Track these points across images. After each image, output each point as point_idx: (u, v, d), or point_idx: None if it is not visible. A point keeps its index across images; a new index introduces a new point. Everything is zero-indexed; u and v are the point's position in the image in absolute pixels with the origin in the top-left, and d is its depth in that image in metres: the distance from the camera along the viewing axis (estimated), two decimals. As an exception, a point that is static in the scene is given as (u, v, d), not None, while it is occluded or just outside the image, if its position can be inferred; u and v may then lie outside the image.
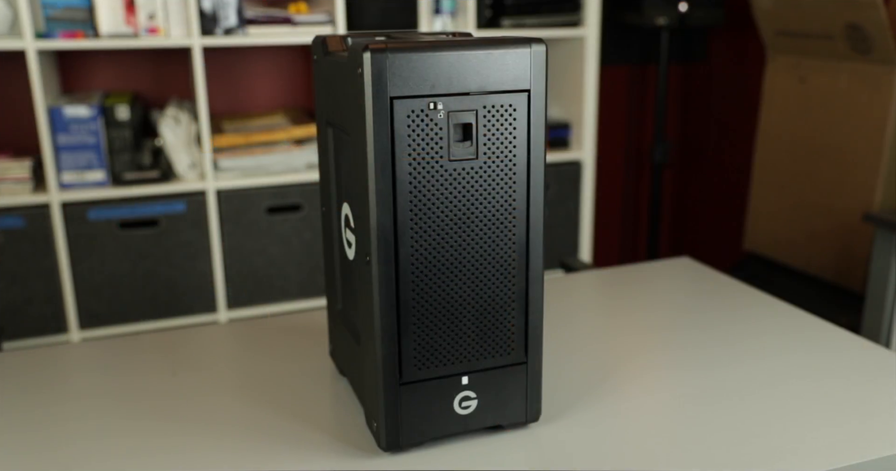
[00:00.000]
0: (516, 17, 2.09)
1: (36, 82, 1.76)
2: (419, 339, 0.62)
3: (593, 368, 0.80)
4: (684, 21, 2.41)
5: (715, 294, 1.00)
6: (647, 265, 1.15)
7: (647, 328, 0.89)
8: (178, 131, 1.94)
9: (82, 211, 1.88)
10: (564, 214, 2.33)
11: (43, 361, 0.83)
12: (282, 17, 1.90)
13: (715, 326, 0.89)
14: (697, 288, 1.02)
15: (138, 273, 1.95)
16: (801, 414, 0.70)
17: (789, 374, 0.78)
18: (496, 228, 0.61)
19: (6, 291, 1.87)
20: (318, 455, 0.65)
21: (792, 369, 0.79)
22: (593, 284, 1.05)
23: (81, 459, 0.64)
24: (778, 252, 2.23)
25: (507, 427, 0.68)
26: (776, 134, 2.22)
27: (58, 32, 1.79)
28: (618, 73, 2.73)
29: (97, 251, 1.91)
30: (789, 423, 0.68)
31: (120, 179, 1.92)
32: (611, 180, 2.84)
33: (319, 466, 0.63)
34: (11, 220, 1.83)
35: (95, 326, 1.95)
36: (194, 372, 0.80)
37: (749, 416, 0.70)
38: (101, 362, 0.83)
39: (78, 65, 2.11)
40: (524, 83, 0.59)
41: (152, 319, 1.99)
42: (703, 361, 0.81)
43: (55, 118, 1.83)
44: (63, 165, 1.86)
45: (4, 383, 0.78)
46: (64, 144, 1.85)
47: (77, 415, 0.72)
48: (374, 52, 0.54)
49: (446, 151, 0.58)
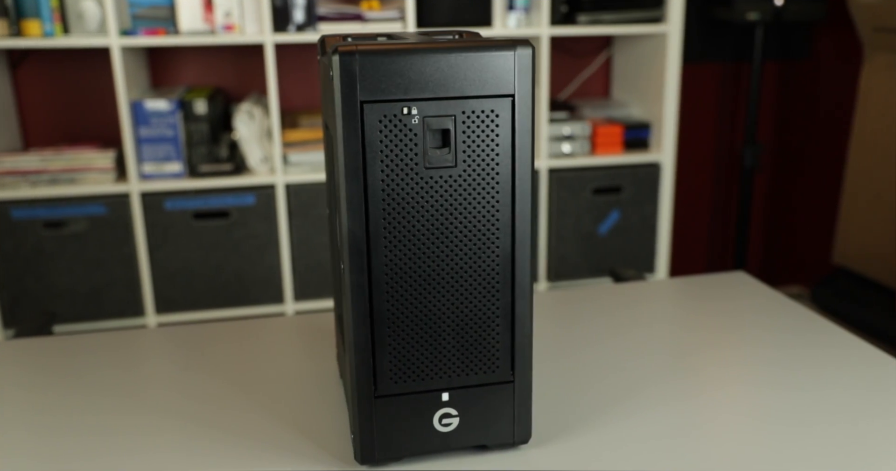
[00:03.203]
0: (593, 13, 2.02)
1: (119, 77, 1.85)
2: (395, 351, 0.59)
3: (603, 389, 0.75)
4: (780, 16, 2.27)
5: (759, 314, 0.92)
6: (700, 278, 1.09)
7: (675, 348, 0.84)
8: (252, 126, 1.99)
9: (159, 201, 1.96)
10: (640, 218, 2.24)
11: (55, 348, 0.86)
12: (353, 13, 1.91)
13: (745, 349, 0.83)
14: (741, 306, 0.95)
15: (210, 263, 2.02)
16: (823, 452, 0.63)
17: (819, 407, 0.70)
18: (478, 239, 0.58)
19: (90, 275, 1.97)
20: (295, 461, 0.64)
21: (823, 403, 0.71)
22: (631, 297, 0.99)
23: (78, 451, 0.66)
24: (870, 268, 2.06)
25: (495, 448, 0.65)
26: (871, 139, 2.05)
27: (141, 30, 1.87)
28: (708, 71, 2.60)
29: (172, 240, 1.99)
30: (803, 460, 0.62)
31: (195, 171, 1.99)
32: (698, 185, 2.71)
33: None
34: (95, 208, 1.93)
35: (170, 312, 2.04)
36: (206, 367, 0.81)
37: (762, 448, 0.63)
38: (125, 353, 0.85)
39: (165, 61, 2.21)
40: (507, 88, 0.55)
41: (222, 307, 2.06)
42: (720, 387, 0.75)
43: (137, 112, 1.91)
44: (143, 157, 1.95)
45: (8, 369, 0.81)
46: (145, 137, 1.93)
47: (71, 407, 0.74)
48: (342, 54, 0.52)
49: (422, 157, 0.55)
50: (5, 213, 1.90)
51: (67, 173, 1.94)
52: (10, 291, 1.95)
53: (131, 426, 0.70)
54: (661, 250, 2.28)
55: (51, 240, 1.94)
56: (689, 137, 2.65)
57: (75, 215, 1.93)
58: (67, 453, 0.66)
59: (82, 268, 1.97)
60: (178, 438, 0.68)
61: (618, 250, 2.25)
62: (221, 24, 1.88)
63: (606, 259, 2.25)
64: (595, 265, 2.25)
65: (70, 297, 1.98)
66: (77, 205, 1.92)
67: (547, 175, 2.14)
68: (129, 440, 0.67)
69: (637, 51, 2.28)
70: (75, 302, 1.99)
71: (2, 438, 0.68)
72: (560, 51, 2.43)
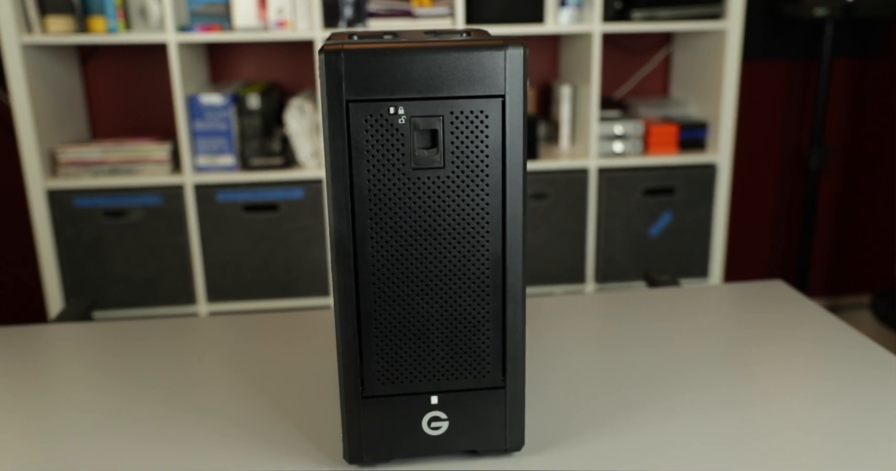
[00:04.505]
0: (648, 10, 1.97)
1: (175, 72, 1.90)
2: (383, 352, 0.59)
3: (608, 397, 0.73)
4: (851, 12, 2.16)
5: (786, 326, 0.88)
6: (735, 286, 1.05)
7: (689, 359, 0.81)
8: (303, 121, 2.02)
9: (212, 193, 2.01)
10: (693, 220, 2.17)
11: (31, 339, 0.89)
12: (402, 10, 1.92)
13: (763, 362, 0.79)
14: (770, 316, 0.91)
15: (258, 254, 2.07)
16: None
17: (828, 428, 0.66)
18: (466, 242, 0.57)
19: (145, 263, 2.04)
20: (284, 458, 0.64)
21: (831, 423, 0.67)
22: (657, 303, 0.96)
23: (70, 442, 0.68)
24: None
25: (486, 454, 0.64)
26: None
27: (197, 26, 1.92)
28: (773, 70, 2.50)
29: (223, 231, 2.04)
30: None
31: (247, 165, 2.03)
32: (761, 187, 2.62)
33: (278, 468, 0.62)
34: (151, 198, 2.00)
35: (220, 301, 2.09)
36: (221, 359, 0.83)
37: (765, 461, 0.61)
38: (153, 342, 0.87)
39: (224, 56, 2.26)
40: (498, 88, 0.54)
41: (270, 298, 2.10)
42: (729, 402, 0.71)
43: (192, 105, 1.97)
44: (198, 150, 2.00)
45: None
46: (200, 130, 1.99)
47: (70, 395, 0.76)
48: (328, 53, 0.52)
49: (409, 158, 0.55)
50: (69, 201, 1.99)
51: (126, 164, 2.01)
52: (72, 277, 2.04)
53: (130, 413, 0.72)
54: (716, 255, 2.20)
55: (110, 228, 2.01)
56: (751, 137, 2.56)
57: (133, 205, 2.00)
58: (57, 438, 0.68)
59: (138, 256, 2.04)
60: (178, 429, 0.69)
61: (669, 253, 2.19)
62: (274, 20, 1.91)
63: (657, 262, 2.20)
64: (644, 268, 2.19)
65: (126, 283, 2.06)
66: (135, 195, 1.99)
67: (596, 175, 2.10)
68: (125, 428, 0.69)
69: (697, 48, 2.21)
70: (131, 289, 2.06)
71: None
72: (617, 48, 2.38)
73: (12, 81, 1.87)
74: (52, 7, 1.89)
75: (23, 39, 1.86)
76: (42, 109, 1.96)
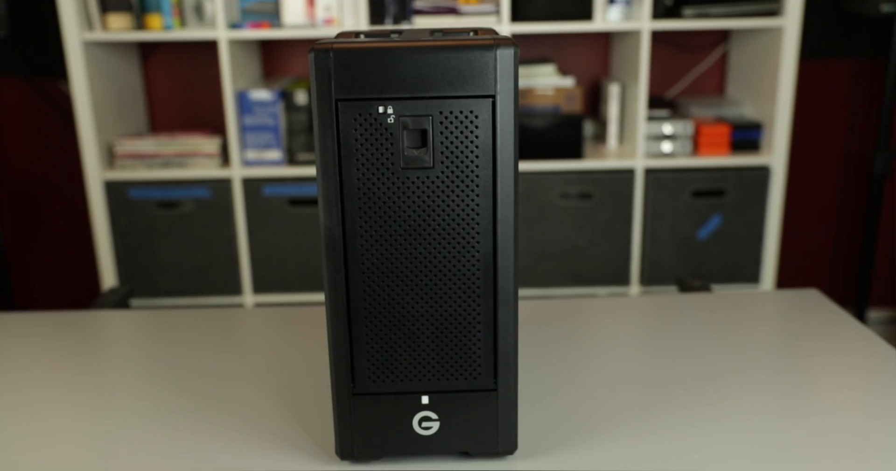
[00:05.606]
0: (700, 7, 1.92)
1: (225, 68, 1.95)
2: (373, 350, 0.59)
3: (612, 404, 0.71)
4: (921, 9, 2.05)
5: (815, 337, 0.85)
6: (767, 294, 1.01)
7: (708, 369, 0.78)
8: (348, 117, 2.04)
9: (259, 187, 2.05)
10: (744, 224, 2.11)
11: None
12: (447, 7, 1.92)
13: (787, 375, 0.76)
14: (798, 327, 0.87)
15: (302, 248, 2.10)
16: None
17: (841, 441, 0.64)
18: (456, 243, 0.57)
19: (194, 254, 2.10)
20: (279, 453, 0.65)
21: (842, 437, 0.64)
22: (682, 309, 0.94)
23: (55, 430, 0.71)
24: None
25: (478, 456, 0.64)
26: None
27: (247, 23, 1.97)
28: (837, 69, 2.40)
29: (269, 224, 2.08)
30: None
31: (294, 159, 2.06)
32: (821, 191, 2.52)
33: (270, 465, 0.63)
34: (201, 191, 2.06)
35: (266, 292, 2.14)
36: (237, 353, 0.84)
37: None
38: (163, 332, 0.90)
39: (276, 52, 2.30)
40: (488, 88, 0.54)
41: (314, 291, 2.14)
42: (736, 416, 0.69)
43: (242, 101, 2.01)
44: (247, 144, 2.05)
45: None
46: (249, 125, 2.03)
47: (46, 383, 0.79)
48: (317, 51, 0.53)
49: (398, 157, 0.55)
50: (124, 193, 2.06)
51: (179, 158, 2.07)
52: (126, 266, 2.11)
53: (128, 407, 0.74)
54: (768, 260, 2.13)
55: (162, 219, 2.08)
56: (811, 139, 2.47)
57: (184, 197, 2.06)
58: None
59: (188, 247, 2.10)
60: (178, 416, 0.71)
61: (717, 257, 2.13)
62: (322, 17, 1.94)
63: (705, 266, 2.14)
64: (692, 271, 2.14)
65: (177, 273, 2.12)
66: (185, 187, 2.05)
67: (643, 175, 2.06)
68: (120, 422, 0.71)
69: (754, 46, 2.14)
70: (181, 278, 2.13)
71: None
72: (670, 45, 2.33)
73: (74, 77, 1.94)
74: (112, 5, 1.96)
75: (84, 36, 1.93)
76: (101, 103, 2.04)
